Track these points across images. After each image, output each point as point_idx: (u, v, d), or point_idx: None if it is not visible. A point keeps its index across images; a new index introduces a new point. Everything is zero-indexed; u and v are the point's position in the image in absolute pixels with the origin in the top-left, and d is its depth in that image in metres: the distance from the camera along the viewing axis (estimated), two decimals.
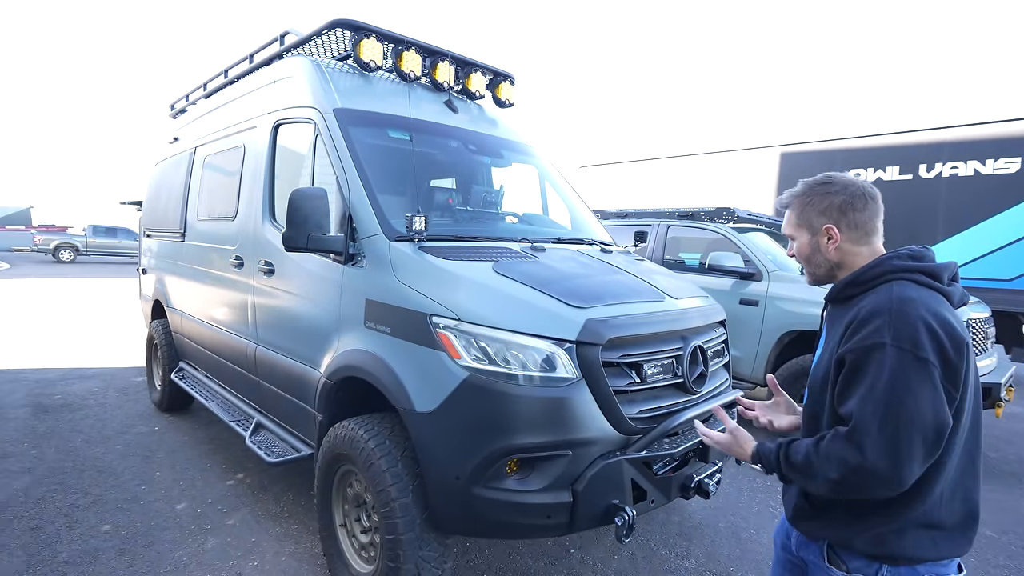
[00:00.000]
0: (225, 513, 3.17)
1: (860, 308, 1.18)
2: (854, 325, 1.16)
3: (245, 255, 3.43)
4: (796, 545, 1.36)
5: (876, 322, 1.12)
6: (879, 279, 1.22)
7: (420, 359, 2.11)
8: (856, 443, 1.09)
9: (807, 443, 1.18)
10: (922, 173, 7.48)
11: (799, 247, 1.37)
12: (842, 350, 1.16)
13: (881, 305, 1.14)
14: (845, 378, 1.15)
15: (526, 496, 1.95)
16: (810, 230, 1.33)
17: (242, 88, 3.96)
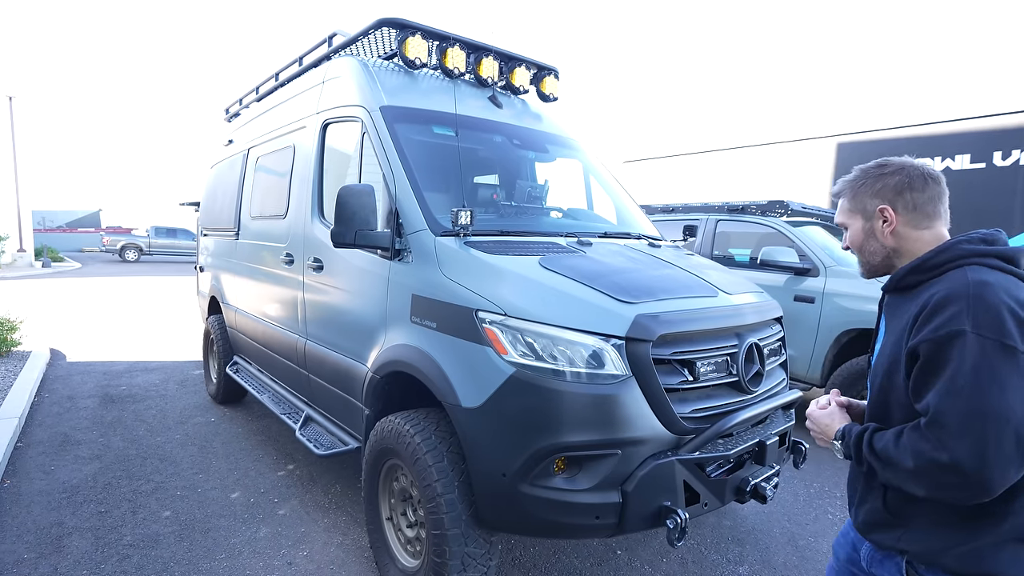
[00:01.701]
0: (276, 503, 3.26)
1: (931, 295, 1.09)
2: (926, 313, 1.07)
3: (295, 252, 3.51)
4: (868, 561, 1.27)
5: (952, 308, 1.03)
6: (948, 264, 1.13)
7: (466, 354, 2.09)
8: (937, 439, 1.00)
9: (891, 432, 1.12)
10: (996, 161, 6.99)
11: (852, 234, 1.31)
12: (914, 341, 1.08)
13: (957, 290, 1.05)
14: (922, 371, 1.06)
15: (574, 495, 1.90)
16: (864, 215, 1.27)
17: (292, 90, 4.05)
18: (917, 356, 1.07)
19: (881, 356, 1.21)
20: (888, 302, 1.28)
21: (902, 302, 1.20)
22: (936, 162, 7.45)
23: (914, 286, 1.18)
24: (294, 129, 3.80)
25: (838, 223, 1.35)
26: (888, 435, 1.12)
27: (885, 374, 1.17)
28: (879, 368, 1.20)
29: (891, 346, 1.17)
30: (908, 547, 1.15)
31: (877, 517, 1.21)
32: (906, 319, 1.14)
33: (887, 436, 1.12)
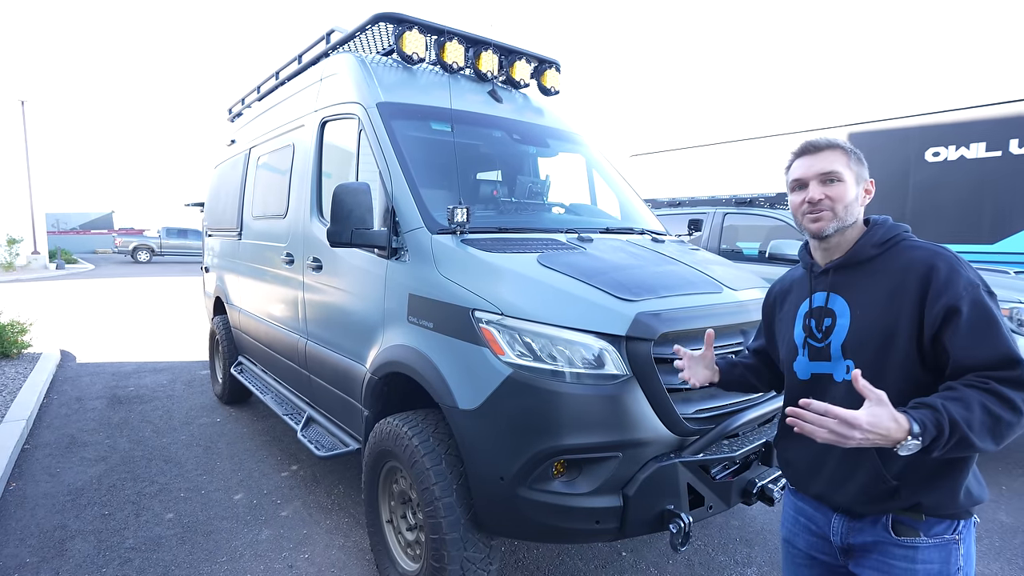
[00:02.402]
0: (279, 504, 3.24)
1: (923, 263, 1.17)
2: (941, 277, 1.14)
3: (295, 251, 3.49)
4: (843, 534, 1.28)
5: (960, 273, 1.14)
6: (892, 241, 1.26)
7: (463, 355, 2.05)
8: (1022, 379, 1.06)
9: (968, 394, 1.06)
10: (1013, 149, 6.79)
11: (844, 190, 1.27)
12: (945, 302, 1.12)
13: (949, 259, 1.17)
14: (976, 324, 1.11)
15: (573, 499, 1.85)
16: (857, 178, 1.29)
17: (291, 88, 4.02)
18: (953, 316, 1.11)
19: (863, 328, 1.22)
20: (837, 279, 1.30)
21: (860, 276, 1.26)
22: (951, 151, 7.26)
23: (871, 259, 1.26)
24: (293, 128, 3.77)
25: (827, 171, 1.26)
26: (972, 400, 1.04)
27: (883, 338, 1.19)
28: (866, 339, 1.21)
29: (878, 317, 1.20)
30: (910, 503, 1.18)
31: (877, 488, 1.20)
32: (888, 288, 1.20)
33: (974, 402, 1.04)
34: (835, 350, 1.26)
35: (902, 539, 1.19)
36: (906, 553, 1.19)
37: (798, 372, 1.35)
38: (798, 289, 1.43)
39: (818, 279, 1.34)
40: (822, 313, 1.31)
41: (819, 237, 1.30)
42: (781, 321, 1.46)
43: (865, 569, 1.25)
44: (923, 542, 1.18)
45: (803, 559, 1.40)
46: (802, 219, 1.32)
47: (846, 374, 1.24)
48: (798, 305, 1.39)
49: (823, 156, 1.28)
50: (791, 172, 1.35)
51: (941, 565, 1.17)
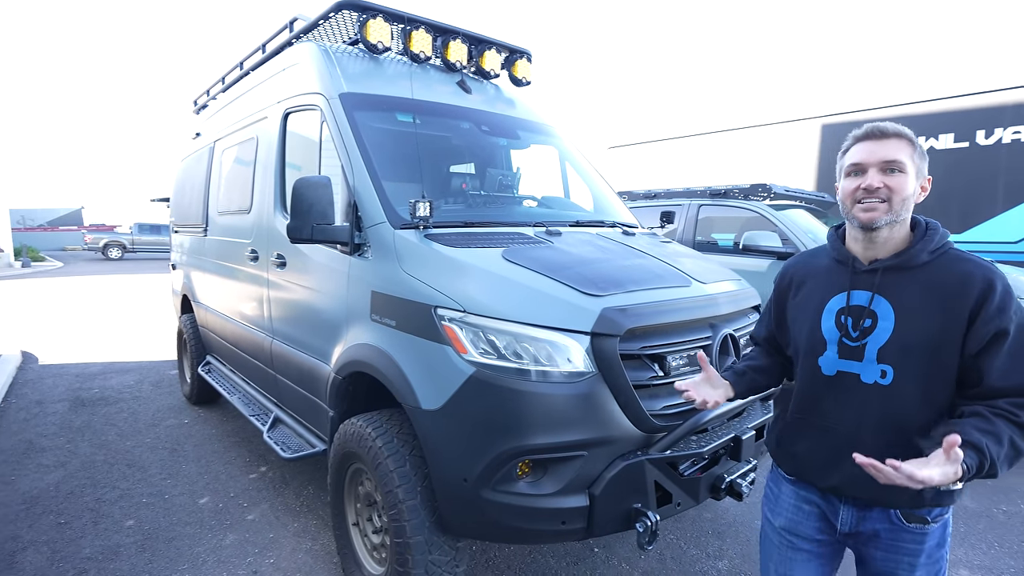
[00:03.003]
0: (246, 508, 3.16)
1: (980, 281, 1.15)
2: (997, 299, 1.14)
3: (260, 248, 3.38)
4: (851, 524, 1.32)
5: (1012, 296, 1.16)
6: (942, 249, 1.23)
7: (425, 354, 1.99)
8: None
9: (1001, 429, 1.10)
10: (980, 140, 6.92)
11: (905, 182, 1.20)
12: (998, 325, 1.13)
13: (1004, 279, 1.17)
14: (1019, 349, 1.14)
15: (539, 500, 1.81)
16: (917, 173, 1.23)
17: (255, 79, 3.89)
18: (1003, 338, 1.13)
19: (908, 336, 1.20)
20: (885, 280, 1.24)
21: (909, 281, 1.22)
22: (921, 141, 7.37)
23: (923, 265, 1.21)
24: (257, 120, 3.65)
25: (891, 159, 1.19)
26: (1004, 437, 1.09)
27: (929, 349, 1.18)
28: (911, 347, 1.19)
29: (926, 326, 1.18)
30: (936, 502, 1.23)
31: (916, 495, 1.21)
32: (939, 299, 1.17)
33: (1005, 439, 1.09)
34: (870, 352, 1.23)
35: (912, 526, 1.25)
36: (915, 536, 1.27)
37: (823, 367, 1.31)
38: (828, 280, 1.34)
39: (860, 276, 1.28)
40: (862, 313, 1.26)
41: (868, 228, 1.22)
42: (799, 308, 1.40)
43: (875, 551, 1.31)
44: (929, 527, 1.26)
45: (804, 543, 1.41)
46: (852, 207, 1.24)
47: (880, 378, 1.23)
48: (827, 297, 1.32)
49: (889, 143, 1.21)
50: (849, 155, 1.26)
51: (940, 538, 1.29)
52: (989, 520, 3.18)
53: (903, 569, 1.29)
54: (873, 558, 1.32)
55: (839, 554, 1.43)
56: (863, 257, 1.28)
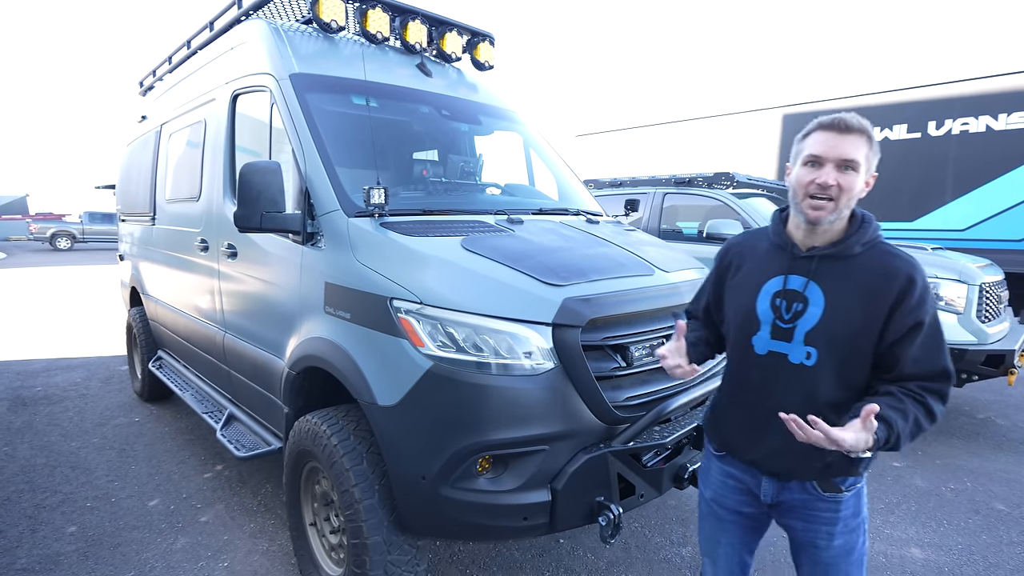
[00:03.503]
0: (199, 509, 3.03)
1: (903, 277, 1.22)
2: (917, 293, 1.21)
3: (209, 237, 3.22)
4: (772, 496, 1.39)
5: (929, 291, 1.24)
6: (873, 241, 1.29)
7: (381, 347, 1.91)
8: (947, 393, 1.23)
9: (909, 408, 1.19)
10: (931, 131, 7.14)
11: (855, 181, 1.23)
12: (916, 317, 1.21)
13: (924, 275, 1.24)
14: (933, 339, 1.22)
15: (499, 497, 1.76)
16: (867, 170, 1.26)
17: (202, 59, 3.69)
18: (919, 328, 1.21)
19: (835, 322, 1.25)
20: (821, 268, 1.29)
21: (840, 270, 1.27)
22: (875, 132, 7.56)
23: (854, 256, 1.27)
24: (205, 102, 3.46)
25: (849, 158, 1.20)
26: (911, 416, 1.19)
27: (851, 335, 1.24)
28: (836, 333, 1.25)
29: (851, 314, 1.24)
30: (846, 472, 1.30)
31: (816, 461, 1.28)
32: (865, 290, 1.23)
33: (911, 418, 1.19)
34: (799, 335, 1.29)
35: (827, 495, 1.33)
36: (830, 506, 1.34)
37: (756, 346, 1.36)
38: (767, 263, 1.38)
39: (797, 262, 1.31)
40: (795, 297, 1.30)
41: (813, 224, 1.27)
42: (737, 287, 1.43)
43: (795, 521, 1.39)
44: (843, 495, 1.33)
45: (729, 515, 1.50)
46: (802, 199, 1.26)
47: (805, 359, 1.29)
48: (763, 280, 1.36)
49: (849, 139, 1.22)
50: (809, 144, 1.26)
51: (855, 507, 1.36)
52: (938, 499, 3.30)
53: (822, 538, 1.36)
54: (795, 529, 1.40)
55: (764, 524, 1.52)
56: (802, 244, 1.32)
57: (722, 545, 1.53)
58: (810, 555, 1.39)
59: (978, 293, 4.03)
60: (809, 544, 1.38)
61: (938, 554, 2.73)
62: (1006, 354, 3.92)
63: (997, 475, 3.63)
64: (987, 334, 3.99)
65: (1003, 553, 2.76)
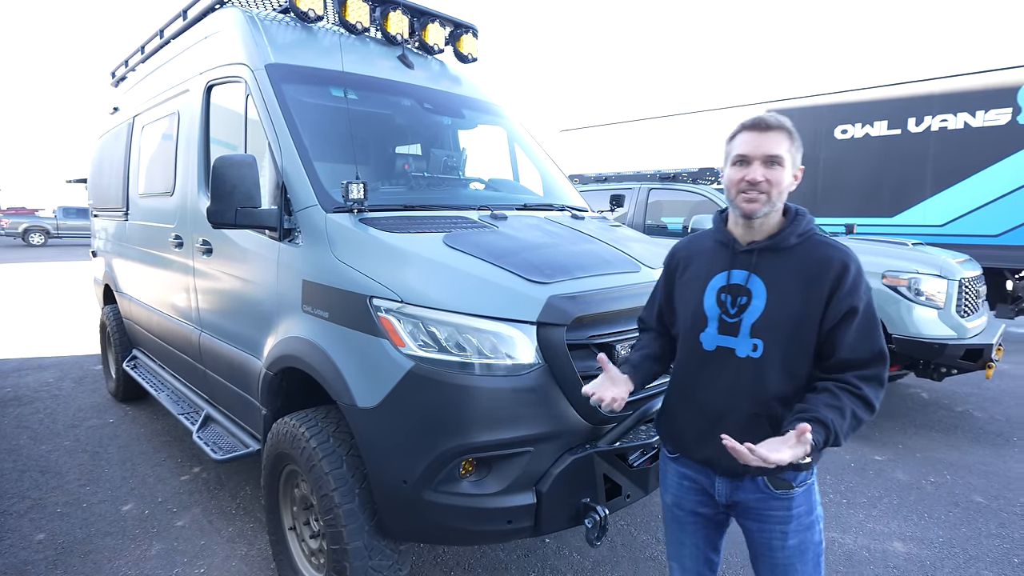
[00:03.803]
0: (175, 513, 2.94)
1: (837, 264, 1.27)
2: (850, 280, 1.25)
3: (184, 234, 3.12)
4: (728, 494, 1.40)
5: (863, 277, 1.29)
6: (808, 233, 1.34)
7: (361, 347, 1.85)
8: (885, 377, 1.26)
9: (845, 403, 1.23)
10: (911, 127, 7.22)
11: (783, 175, 1.29)
12: (850, 303, 1.25)
13: (857, 260, 1.29)
14: (866, 325, 1.26)
15: (483, 500, 1.72)
16: (793, 164, 1.31)
17: (175, 48, 3.57)
18: (854, 314, 1.25)
19: (776, 313, 1.29)
20: (760, 261, 1.34)
21: (779, 262, 1.32)
22: (857, 128, 7.64)
23: (791, 247, 1.32)
24: (178, 93, 3.35)
25: (771, 154, 1.27)
26: (847, 410, 1.22)
27: (793, 325, 1.28)
28: (778, 323, 1.29)
29: (791, 304, 1.28)
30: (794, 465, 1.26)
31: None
32: (803, 280, 1.28)
33: (848, 412, 1.22)
34: (745, 328, 1.32)
35: (779, 492, 1.34)
36: (783, 504, 1.35)
37: (704, 343, 1.38)
38: (710, 260, 1.43)
39: (739, 257, 1.36)
40: (739, 291, 1.34)
41: (749, 217, 1.32)
42: (685, 286, 1.47)
43: (750, 521, 1.40)
44: (795, 492, 1.35)
45: (689, 517, 1.51)
46: (736, 196, 1.32)
47: (752, 352, 1.31)
48: (709, 277, 1.40)
49: (771, 136, 1.28)
50: (735, 145, 1.33)
51: (807, 505, 1.38)
52: (919, 492, 3.33)
53: (776, 538, 1.37)
54: (751, 531, 1.42)
55: (724, 523, 1.53)
56: (742, 239, 1.37)
57: (687, 547, 1.54)
58: (766, 558, 1.40)
59: (958, 288, 4.08)
60: (765, 546, 1.39)
61: (920, 548, 2.76)
62: (984, 348, 3.97)
63: (975, 468, 3.68)
64: (966, 328, 4.04)
65: (982, 545, 2.79)
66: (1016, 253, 6.51)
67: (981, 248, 6.48)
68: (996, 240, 6.67)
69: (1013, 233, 6.55)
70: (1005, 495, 3.31)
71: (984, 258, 6.02)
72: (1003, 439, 4.19)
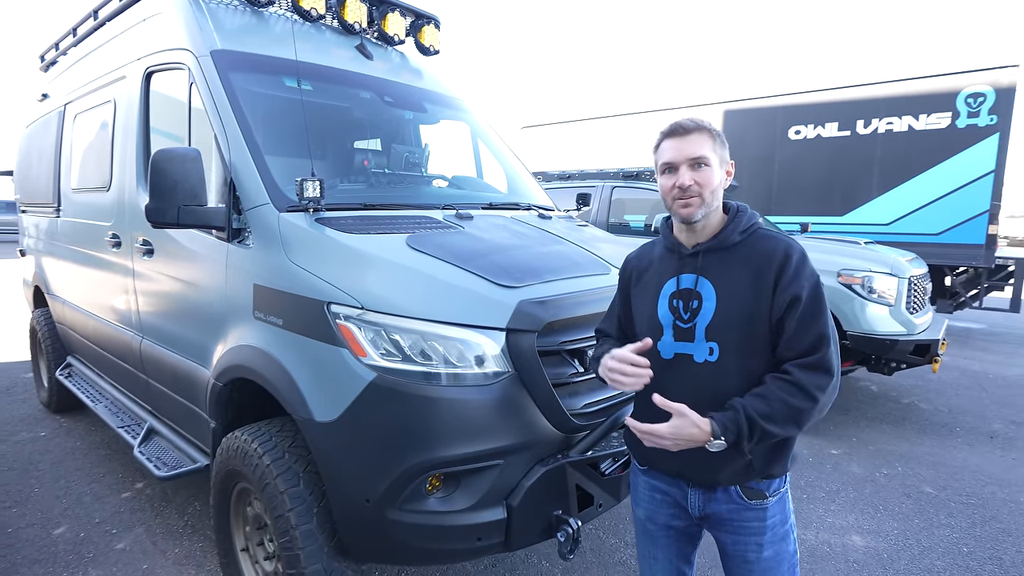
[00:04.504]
0: (114, 535, 2.73)
1: (778, 252, 1.26)
2: (792, 268, 1.24)
3: (122, 232, 2.90)
4: (700, 506, 1.37)
5: (806, 264, 1.26)
6: (751, 228, 1.34)
7: (318, 357, 1.73)
8: (829, 363, 1.22)
9: (771, 391, 1.21)
10: (860, 129, 7.50)
11: (711, 175, 1.29)
12: (792, 291, 1.23)
13: (800, 249, 1.28)
14: (809, 312, 1.23)
15: (451, 517, 1.63)
16: (721, 161, 1.32)
17: (112, 31, 3.31)
18: (797, 302, 1.23)
19: (728, 312, 1.28)
20: (706, 262, 1.33)
21: (725, 261, 1.31)
22: (810, 129, 7.88)
23: (735, 245, 1.31)
24: (114, 79, 3.10)
25: (694, 156, 1.27)
26: (773, 397, 1.20)
27: (746, 323, 1.27)
28: (731, 323, 1.27)
29: (742, 302, 1.27)
30: (762, 475, 1.32)
31: (736, 464, 1.29)
32: (750, 275, 1.27)
33: (772, 394, 1.21)
34: (699, 332, 1.31)
35: (753, 503, 1.33)
36: (757, 514, 1.34)
37: (662, 351, 1.35)
38: (660, 267, 1.42)
39: (685, 260, 1.36)
40: (690, 295, 1.33)
41: (688, 222, 1.31)
42: (639, 296, 1.46)
43: (724, 533, 1.38)
44: (768, 502, 1.33)
45: (661, 531, 1.47)
46: (672, 203, 1.33)
47: (709, 356, 1.29)
48: (661, 284, 1.39)
49: (691, 139, 1.29)
50: (660, 154, 1.34)
51: (782, 514, 1.37)
52: (873, 484, 3.43)
53: (751, 550, 1.35)
54: (725, 543, 1.40)
55: (697, 536, 1.50)
56: (687, 243, 1.37)
57: (659, 561, 1.50)
58: (742, 570, 1.38)
59: (907, 286, 4.23)
60: (740, 558, 1.37)
61: (877, 540, 2.83)
62: (932, 343, 4.14)
63: (924, 458, 3.82)
64: (915, 324, 4.20)
65: (934, 536, 2.89)
66: (954, 251, 6.86)
67: (923, 246, 6.80)
68: (937, 238, 7.00)
69: (952, 232, 6.90)
70: (952, 485, 3.45)
71: (926, 255, 6.29)
72: (947, 429, 4.38)
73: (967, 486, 3.43)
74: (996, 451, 3.97)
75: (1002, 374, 5.98)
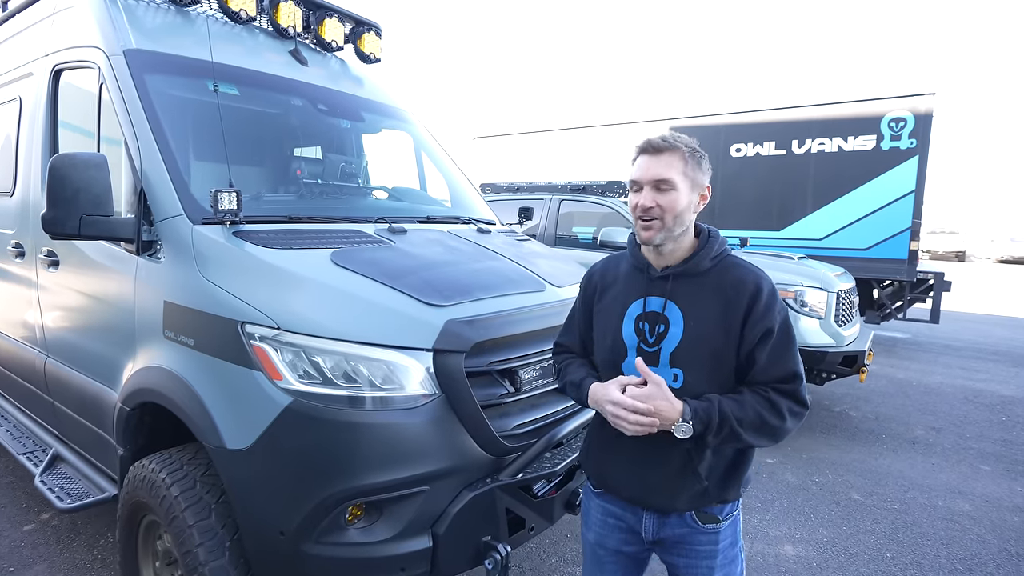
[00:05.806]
0: (12, 573, 2.48)
1: (750, 283, 1.25)
2: (763, 301, 1.24)
3: (25, 242, 2.67)
4: (654, 531, 1.36)
5: (776, 297, 1.27)
6: (721, 255, 1.31)
7: (231, 381, 1.62)
8: (803, 396, 1.25)
9: (748, 399, 1.23)
10: (795, 149, 7.87)
11: (676, 199, 1.23)
12: (765, 325, 1.23)
13: (770, 282, 1.28)
14: (781, 345, 1.24)
15: (373, 549, 1.55)
16: (693, 185, 1.26)
17: (18, 24, 3.06)
18: (770, 335, 1.23)
19: (695, 340, 1.26)
20: (676, 287, 1.30)
21: (694, 287, 1.29)
22: (750, 147, 8.21)
23: (705, 272, 1.29)
24: (19, 76, 2.88)
25: (661, 178, 1.22)
26: (748, 404, 1.22)
27: (712, 351, 1.25)
28: (698, 351, 1.26)
29: (709, 331, 1.25)
30: (723, 499, 1.32)
31: (692, 490, 1.29)
32: (720, 305, 1.25)
33: (749, 406, 1.22)
34: (664, 357, 1.28)
35: (706, 526, 1.33)
36: (710, 538, 1.34)
37: (626, 372, 1.31)
38: (628, 286, 1.37)
39: (654, 283, 1.32)
40: (656, 319, 1.30)
41: (647, 244, 1.29)
42: (603, 313, 1.41)
43: (675, 557, 1.37)
44: (721, 526, 1.34)
45: (611, 556, 1.45)
46: (636, 222, 1.29)
47: (673, 382, 1.26)
48: (627, 303, 1.35)
49: (661, 159, 1.24)
50: (633, 169, 1.30)
51: (732, 537, 1.37)
52: (806, 493, 3.54)
53: (702, 573, 1.35)
54: (676, 566, 1.39)
55: (645, 561, 1.49)
56: (656, 264, 1.34)
57: None
58: None
59: (836, 300, 4.43)
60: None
61: (807, 549, 2.91)
62: (859, 355, 4.34)
63: (853, 465, 3.98)
64: (843, 336, 4.39)
65: (860, 543, 2.99)
66: (881, 265, 7.27)
67: (853, 260, 7.17)
68: (865, 253, 7.40)
69: (878, 247, 7.31)
70: (878, 491, 3.60)
71: (855, 269, 6.64)
72: (874, 436, 4.59)
73: (891, 492, 3.59)
74: (918, 456, 4.18)
75: (923, 381, 6.34)
